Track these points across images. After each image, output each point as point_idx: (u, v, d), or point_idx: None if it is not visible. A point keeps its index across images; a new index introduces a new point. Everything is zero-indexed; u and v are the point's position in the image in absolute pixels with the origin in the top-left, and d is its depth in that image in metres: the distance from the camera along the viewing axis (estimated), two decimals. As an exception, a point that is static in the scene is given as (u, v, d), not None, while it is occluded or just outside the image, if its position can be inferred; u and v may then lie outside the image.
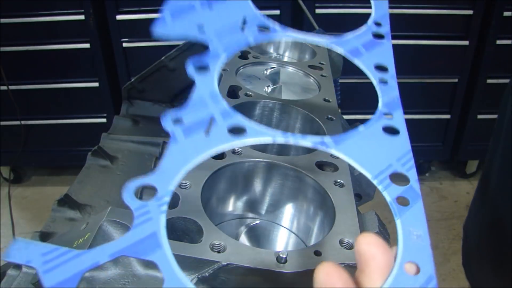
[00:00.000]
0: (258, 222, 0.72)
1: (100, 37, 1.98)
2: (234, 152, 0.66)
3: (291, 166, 0.66)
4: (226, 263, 0.47)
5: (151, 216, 0.31)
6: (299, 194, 0.68)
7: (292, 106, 0.81)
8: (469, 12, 1.97)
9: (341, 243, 0.52)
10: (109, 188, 0.96)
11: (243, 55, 0.93)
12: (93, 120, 2.18)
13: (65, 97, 2.13)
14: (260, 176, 0.69)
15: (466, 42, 2.02)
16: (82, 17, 1.93)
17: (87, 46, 1.99)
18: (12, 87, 2.03)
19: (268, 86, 0.90)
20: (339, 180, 0.63)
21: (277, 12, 1.93)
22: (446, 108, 2.20)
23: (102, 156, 1.02)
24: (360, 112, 2.16)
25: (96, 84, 2.09)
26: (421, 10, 1.97)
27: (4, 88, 2.03)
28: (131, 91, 1.21)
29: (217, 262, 0.47)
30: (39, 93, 2.11)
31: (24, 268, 0.59)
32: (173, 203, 0.57)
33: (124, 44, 2.00)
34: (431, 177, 2.45)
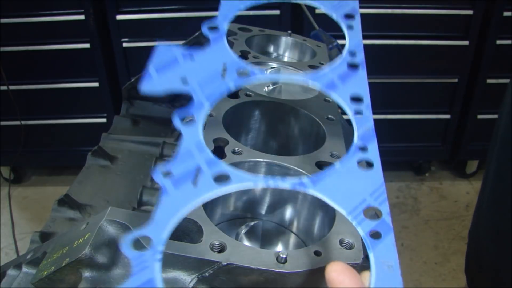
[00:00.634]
0: (258, 222, 0.72)
1: (100, 37, 1.98)
2: (234, 152, 0.66)
3: (291, 166, 0.66)
4: (226, 263, 0.47)
5: (148, 265, 0.35)
6: (299, 194, 0.68)
7: (292, 106, 0.80)
8: (469, 12, 1.97)
9: (341, 243, 0.52)
10: (109, 188, 0.96)
11: (243, 55, 0.93)
12: (93, 120, 2.18)
13: (65, 97, 2.13)
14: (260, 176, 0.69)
15: (466, 42, 2.02)
16: (82, 17, 1.92)
17: (87, 46, 1.99)
18: (12, 87, 2.03)
19: (268, 86, 0.90)
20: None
21: (277, 12, 1.92)
22: (446, 108, 2.20)
23: (102, 156, 1.02)
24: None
25: (96, 84, 2.08)
26: (421, 10, 1.97)
27: (4, 88, 2.03)
28: (131, 91, 1.21)
29: (217, 262, 0.47)
30: (39, 93, 2.11)
31: (24, 268, 0.59)
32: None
33: (124, 44, 2.00)
34: (431, 177, 2.45)
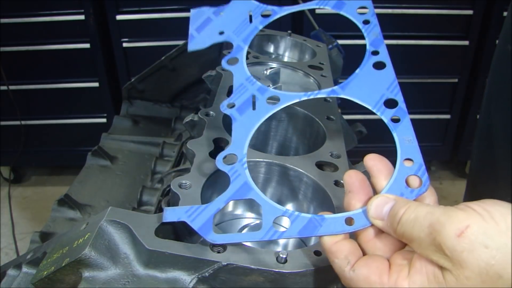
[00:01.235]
0: (258, 222, 0.72)
1: (100, 37, 1.98)
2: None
3: (291, 167, 0.66)
4: (226, 263, 0.47)
5: (240, 173, 0.47)
6: (299, 194, 0.68)
7: (292, 106, 0.80)
8: (469, 12, 1.97)
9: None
10: (109, 188, 0.96)
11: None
12: (93, 120, 2.18)
13: (65, 97, 2.13)
14: (260, 176, 0.69)
15: (466, 42, 2.02)
16: (82, 17, 1.93)
17: (87, 46, 1.99)
18: (12, 87, 2.03)
19: (268, 86, 0.90)
20: (339, 180, 0.63)
21: (277, 12, 1.92)
22: (446, 108, 2.19)
23: (102, 156, 1.02)
24: (360, 112, 2.16)
25: (96, 84, 2.09)
26: (421, 10, 1.97)
27: (4, 88, 2.03)
28: (131, 91, 1.21)
29: (217, 262, 0.47)
30: (39, 93, 2.11)
31: (24, 268, 0.59)
32: (173, 203, 0.57)
33: (124, 44, 2.00)
34: (431, 177, 2.41)
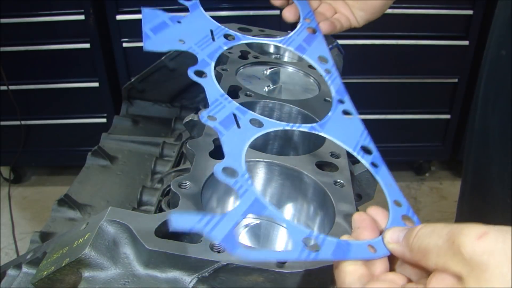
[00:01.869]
0: (258, 222, 0.72)
1: (100, 37, 1.98)
2: (234, 152, 0.65)
3: (291, 166, 0.66)
4: (226, 263, 0.47)
5: (246, 188, 0.43)
6: (299, 194, 0.68)
7: (292, 106, 0.80)
8: (469, 12, 1.97)
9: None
10: (109, 188, 0.96)
11: (243, 55, 0.93)
12: (93, 120, 2.18)
13: (65, 97, 2.13)
14: (260, 176, 0.69)
15: (466, 42, 2.02)
16: (82, 17, 1.92)
17: (87, 46, 1.99)
18: (12, 87, 2.03)
19: (268, 86, 0.90)
20: (339, 180, 0.63)
21: (277, 12, 1.92)
22: (446, 108, 2.19)
23: (102, 156, 1.02)
24: (360, 112, 2.16)
25: (96, 84, 2.08)
26: (421, 10, 1.97)
27: (4, 88, 2.03)
28: (131, 91, 1.21)
29: (217, 262, 0.47)
30: (39, 93, 2.11)
31: (24, 268, 0.59)
32: (173, 203, 0.57)
33: (124, 44, 2.00)
34: (431, 177, 2.45)
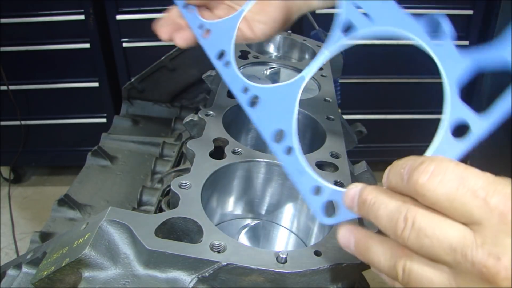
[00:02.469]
0: (258, 222, 0.72)
1: (100, 37, 1.98)
2: (234, 152, 0.66)
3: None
4: (226, 263, 0.47)
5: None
6: (299, 194, 0.68)
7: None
8: (469, 12, 1.97)
9: (341, 243, 0.51)
10: (109, 188, 0.96)
11: (243, 55, 0.93)
12: (93, 120, 2.18)
13: (65, 97, 2.13)
14: (260, 176, 0.69)
15: (466, 42, 2.02)
16: (82, 17, 1.92)
17: (87, 46, 1.99)
18: (12, 87, 2.03)
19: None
20: (339, 180, 0.63)
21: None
22: (446, 108, 2.20)
23: (102, 156, 1.02)
24: (360, 112, 2.16)
25: (96, 84, 2.08)
26: (421, 10, 1.97)
27: (4, 88, 2.03)
28: (131, 91, 1.21)
29: (217, 262, 0.47)
30: (39, 93, 2.11)
31: (24, 268, 0.59)
32: (173, 203, 0.57)
33: (124, 44, 2.00)
34: (431, 177, 2.45)
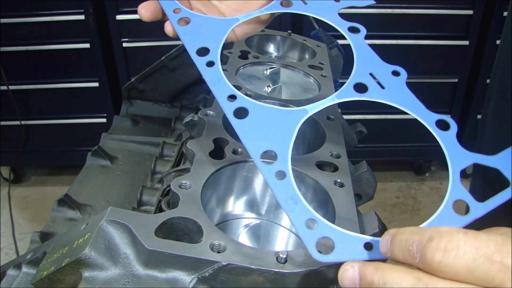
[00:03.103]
0: (258, 222, 0.72)
1: (100, 37, 1.98)
2: (234, 152, 0.66)
3: (291, 166, 0.66)
4: (226, 263, 0.46)
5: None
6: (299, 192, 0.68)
7: (291, 105, 0.80)
8: (469, 12, 1.97)
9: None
10: (109, 188, 0.96)
11: (243, 55, 0.93)
12: (93, 120, 2.18)
13: (65, 97, 2.13)
14: (260, 176, 0.69)
15: (466, 42, 2.02)
16: (82, 17, 1.93)
17: (87, 46, 1.99)
18: (12, 87, 2.03)
19: (268, 86, 0.90)
20: (339, 180, 0.63)
21: (277, 12, 1.92)
22: (446, 108, 2.19)
23: (102, 156, 1.02)
24: (360, 112, 2.16)
25: (96, 84, 2.09)
26: (421, 10, 1.97)
27: (4, 88, 2.03)
28: (131, 91, 1.21)
29: (217, 262, 0.47)
30: (39, 93, 2.11)
31: (24, 268, 0.59)
32: (173, 203, 0.57)
33: (124, 44, 2.00)
34: (431, 177, 2.45)
